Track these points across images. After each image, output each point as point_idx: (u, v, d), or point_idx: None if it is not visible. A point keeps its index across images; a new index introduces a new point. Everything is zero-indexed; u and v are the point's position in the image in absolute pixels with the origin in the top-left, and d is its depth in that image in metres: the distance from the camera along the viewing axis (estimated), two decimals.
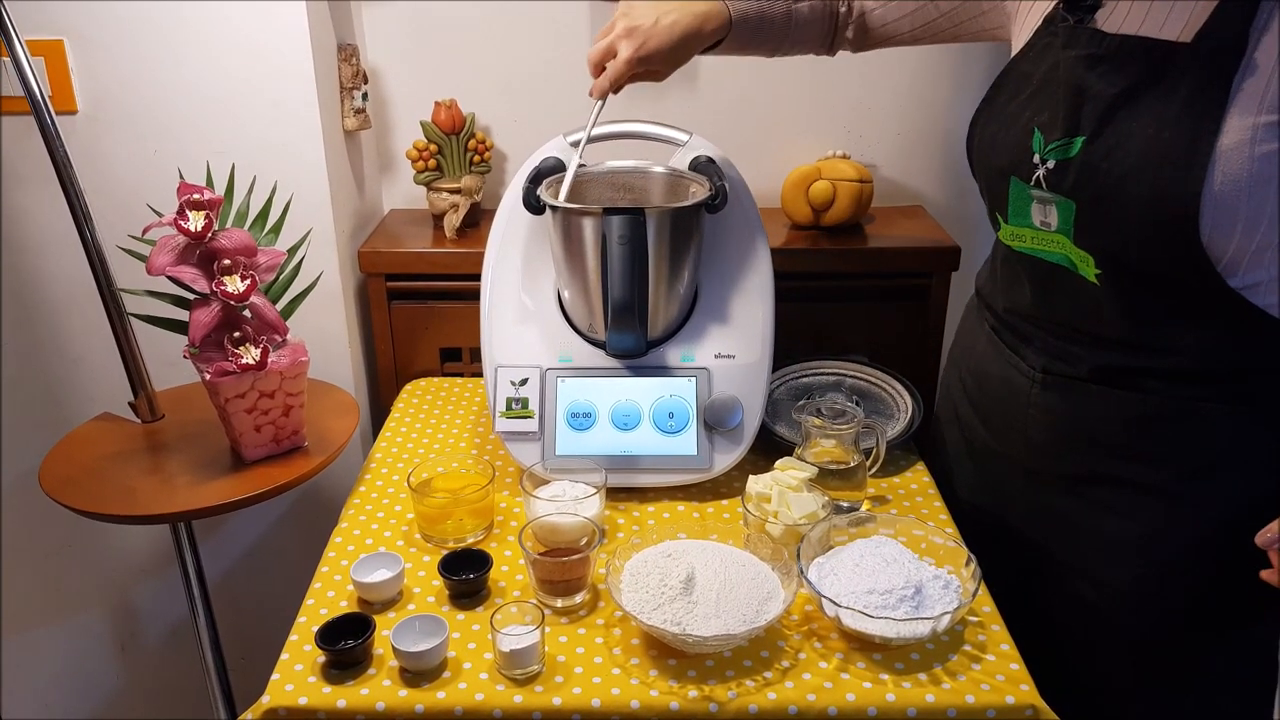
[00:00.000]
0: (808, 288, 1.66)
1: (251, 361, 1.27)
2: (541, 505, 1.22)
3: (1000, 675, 1.05)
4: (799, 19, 1.33)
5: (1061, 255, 1.09)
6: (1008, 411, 1.23)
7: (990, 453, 1.29)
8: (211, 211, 1.25)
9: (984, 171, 1.18)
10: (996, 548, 1.24)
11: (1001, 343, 1.24)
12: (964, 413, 1.34)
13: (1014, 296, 1.21)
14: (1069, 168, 1.04)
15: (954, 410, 1.37)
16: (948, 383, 1.41)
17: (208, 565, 1.56)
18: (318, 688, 1.04)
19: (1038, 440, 1.20)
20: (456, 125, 1.70)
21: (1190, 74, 0.97)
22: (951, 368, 1.40)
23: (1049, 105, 1.08)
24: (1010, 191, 1.12)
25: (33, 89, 1.29)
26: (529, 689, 1.03)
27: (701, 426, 1.34)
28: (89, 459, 1.38)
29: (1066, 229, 1.06)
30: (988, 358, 1.27)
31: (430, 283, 1.68)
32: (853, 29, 1.37)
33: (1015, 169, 1.11)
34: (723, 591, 1.09)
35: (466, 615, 1.14)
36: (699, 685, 1.03)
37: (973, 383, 1.31)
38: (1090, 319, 1.10)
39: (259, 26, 1.48)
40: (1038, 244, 1.12)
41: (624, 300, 1.27)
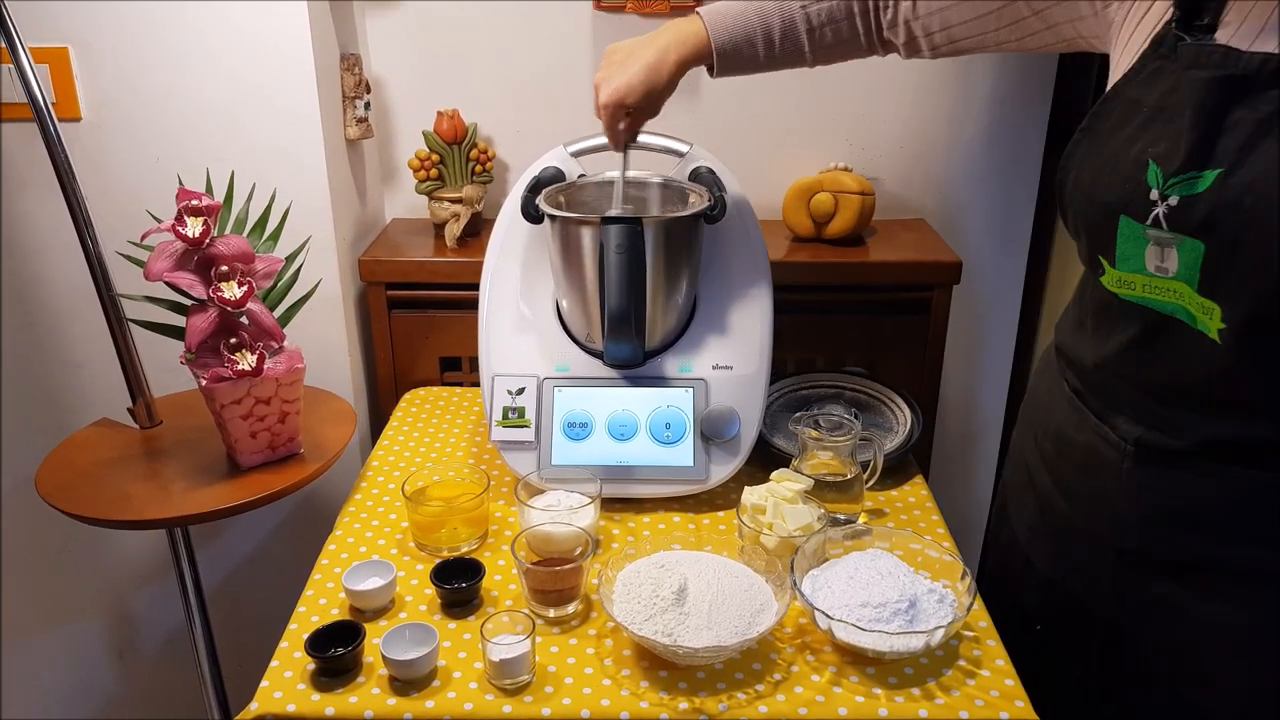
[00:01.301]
0: (809, 300, 1.66)
1: (247, 368, 1.27)
2: (535, 515, 1.22)
3: (995, 691, 1.04)
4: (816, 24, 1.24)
5: (1178, 305, 0.95)
6: (1094, 486, 1.09)
7: (1073, 529, 1.14)
8: (209, 218, 1.26)
9: (1085, 210, 1.03)
10: (1080, 634, 1.14)
11: (1086, 408, 1.10)
12: (1040, 481, 1.19)
13: (1108, 352, 1.06)
14: (1197, 204, 0.91)
15: (1028, 476, 1.23)
16: (1021, 446, 1.27)
17: (205, 572, 1.56)
18: (307, 695, 1.03)
19: (1131, 520, 1.06)
20: (458, 135, 1.71)
21: None
22: (1025, 429, 1.26)
23: (1167, 135, 0.94)
24: (1120, 232, 0.98)
25: (36, 96, 1.30)
26: (518, 699, 1.02)
27: (698, 437, 1.34)
28: (86, 464, 1.38)
29: (1190, 275, 0.93)
30: (1070, 423, 1.13)
31: (431, 292, 1.68)
32: (902, 33, 1.23)
33: (1126, 207, 0.96)
34: (715, 603, 1.08)
35: (458, 624, 1.13)
36: (690, 697, 1.02)
37: (1051, 449, 1.17)
38: (1203, 381, 0.97)
39: (262, 35, 1.48)
40: (1150, 292, 0.98)
41: (621, 310, 1.27)
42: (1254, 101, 0.90)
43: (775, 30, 1.24)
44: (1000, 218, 1.84)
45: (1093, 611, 1.12)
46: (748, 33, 1.24)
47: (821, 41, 1.25)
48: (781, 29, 1.24)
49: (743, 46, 1.25)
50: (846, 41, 1.26)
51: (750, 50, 1.25)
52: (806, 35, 1.24)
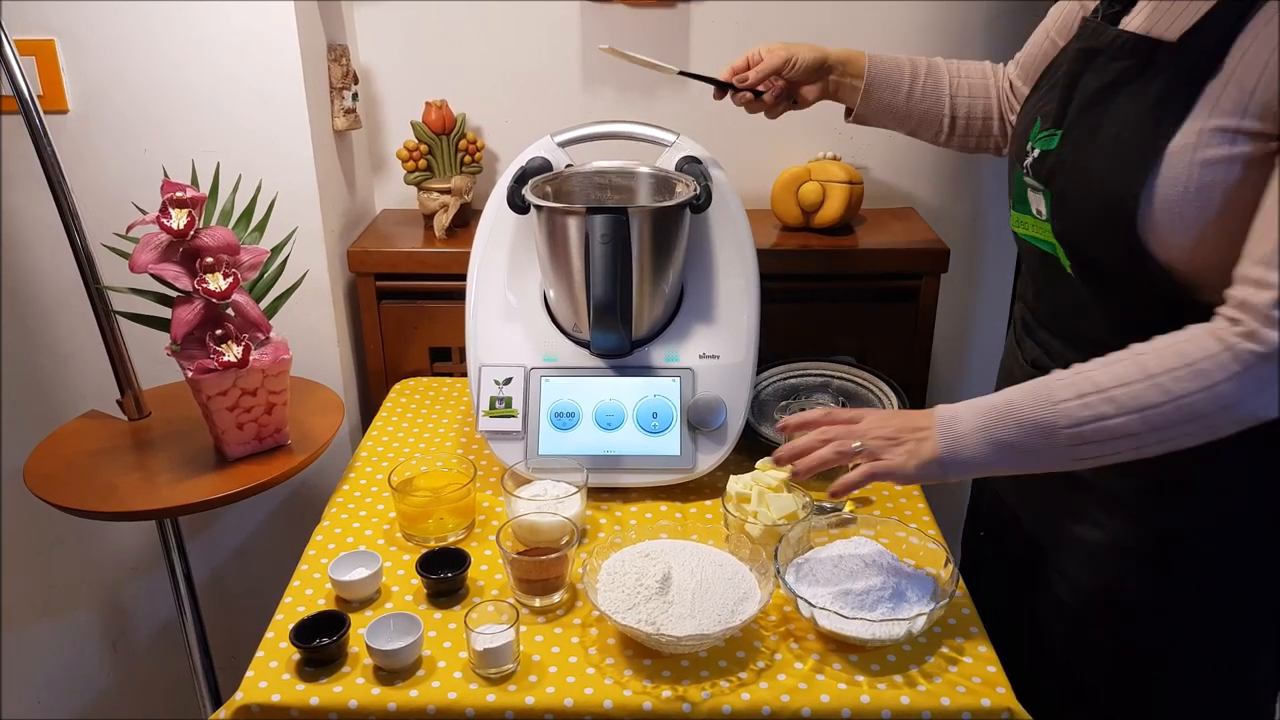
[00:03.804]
0: (797, 289, 1.66)
1: (233, 359, 1.27)
2: (522, 504, 1.22)
3: (977, 678, 1.04)
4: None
5: (1049, 243, 1.09)
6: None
7: None
8: (194, 209, 1.26)
9: (1007, 159, 1.20)
10: (995, 544, 1.28)
11: (1013, 336, 1.26)
12: None
13: (1023, 288, 1.23)
14: (1048, 158, 1.06)
15: None
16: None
17: (196, 564, 1.56)
18: (292, 685, 1.04)
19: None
20: (447, 125, 1.71)
21: (1166, 74, 0.96)
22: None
23: (1053, 97, 1.10)
24: (1015, 178, 1.14)
25: (22, 88, 1.30)
26: (502, 688, 1.03)
27: (685, 427, 1.34)
28: (74, 456, 1.38)
29: (1049, 218, 1.07)
30: (1007, 350, 1.30)
31: (420, 282, 1.68)
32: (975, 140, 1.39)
33: (1018, 156, 1.13)
34: (699, 592, 1.08)
35: (444, 614, 1.14)
36: (673, 685, 1.03)
37: (1000, 377, 1.33)
38: (1073, 316, 1.10)
39: (249, 26, 1.48)
40: (1033, 231, 1.12)
41: (607, 299, 1.27)
42: (1101, 70, 1.03)
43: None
44: (988, 205, 1.84)
45: (1005, 523, 1.28)
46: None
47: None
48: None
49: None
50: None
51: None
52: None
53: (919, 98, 1.35)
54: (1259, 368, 0.89)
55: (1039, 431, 0.97)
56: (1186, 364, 0.91)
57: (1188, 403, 0.91)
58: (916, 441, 1.04)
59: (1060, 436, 0.96)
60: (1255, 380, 0.89)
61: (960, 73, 1.36)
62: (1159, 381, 0.92)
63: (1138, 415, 0.93)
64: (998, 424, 0.99)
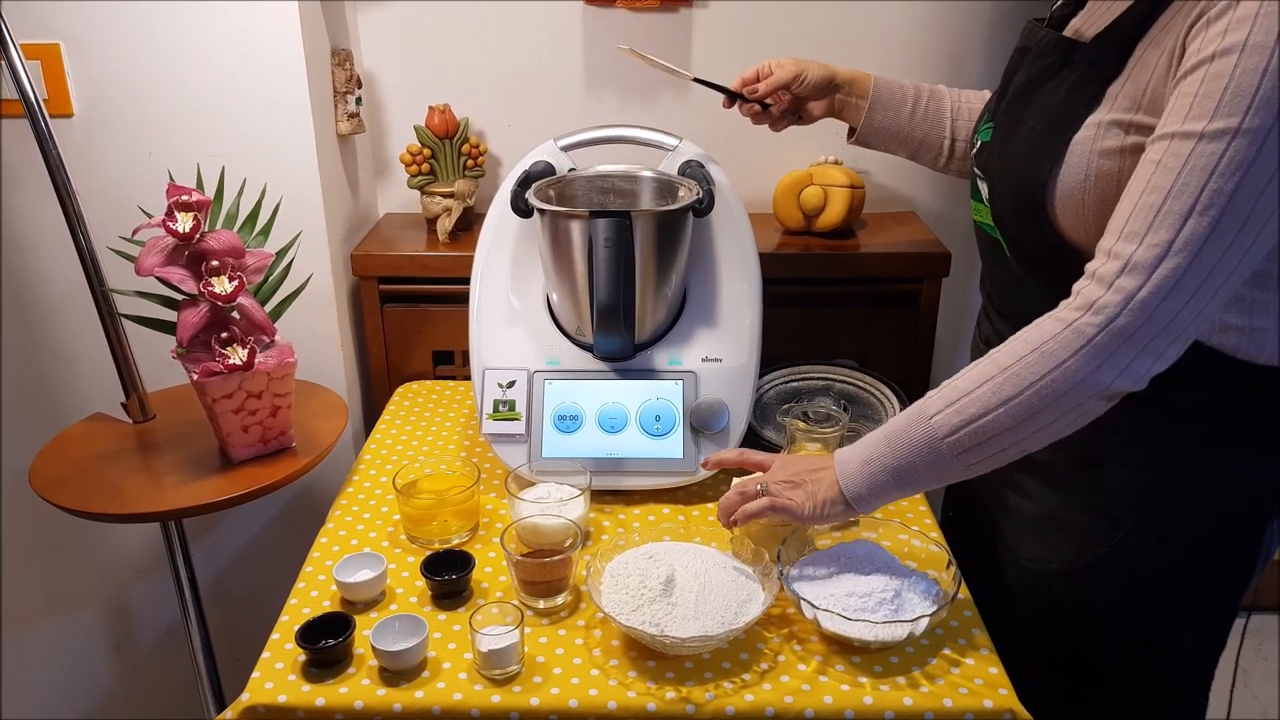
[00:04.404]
0: (799, 293, 1.66)
1: (238, 362, 1.28)
2: (525, 507, 1.23)
3: (979, 679, 1.05)
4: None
5: (993, 227, 1.14)
6: None
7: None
8: (200, 213, 1.26)
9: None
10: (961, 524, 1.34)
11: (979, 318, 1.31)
12: None
13: (982, 275, 1.28)
14: (985, 150, 1.15)
15: None
16: None
17: (200, 566, 1.57)
18: (297, 686, 1.04)
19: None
20: (450, 129, 1.71)
21: (1078, 71, 1.03)
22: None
23: (996, 92, 1.19)
24: (971, 168, 1.21)
25: (27, 92, 1.31)
26: (507, 689, 1.03)
27: (688, 429, 1.35)
28: (79, 458, 1.39)
29: (990, 206, 1.14)
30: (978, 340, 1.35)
31: (423, 286, 1.68)
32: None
33: (970, 147, 1.24)
34: (702, 593, 1.09)
35: (448, 616, 1.14)
36: (677, 687, 1.03)
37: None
38: (1017, 298, 1.14)
39: (253, 30, 1.49)
40: (982, 217, 1.18)
41: (609, 303, 1.28)
42: (1030, 67, 1.10)
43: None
44: None
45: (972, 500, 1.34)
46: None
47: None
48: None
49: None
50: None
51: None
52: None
53: (920, 120, 1.38)
54: (1098, 339, 0.92)
55: (921, 449, 1.01)
56: (1033, 349, 0.95)
57: (1043, 386, 0.95)
58: (814, 483, 1.09)
59: (942, 447, 1.00)
60: (1097, 353, 0.92)
61: (962, 99, 1.40)
62: (1013, 372, 0.96)
63: (1003, 409, 0.96)
64: (883, 452, 1.04)
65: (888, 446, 1.03)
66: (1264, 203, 0.87)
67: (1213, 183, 0.87)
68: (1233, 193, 0.86)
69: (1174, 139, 0.89)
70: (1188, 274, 0.89)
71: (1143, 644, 1.17)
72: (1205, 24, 0.90)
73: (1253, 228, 0.88)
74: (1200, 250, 0.88)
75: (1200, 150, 0.87)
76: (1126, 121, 0.97)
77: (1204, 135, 0.87)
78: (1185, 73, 0.90)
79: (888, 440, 1.03)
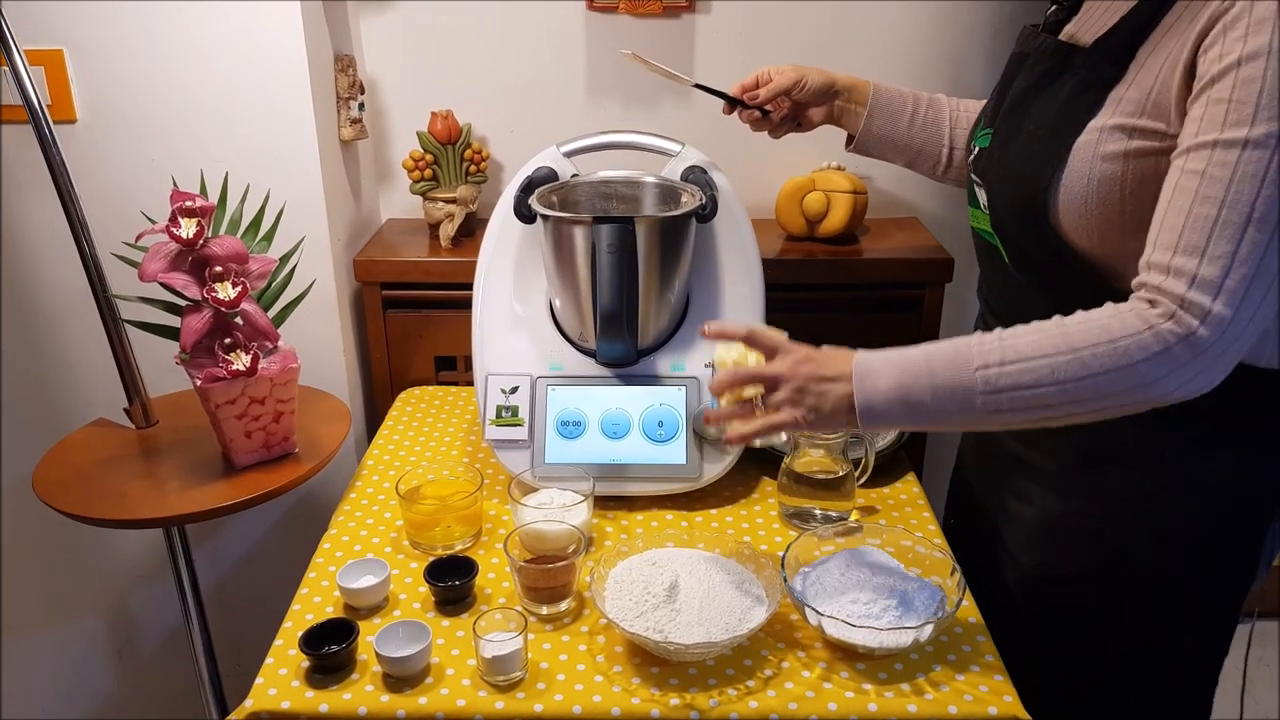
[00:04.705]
0: (802, 298, 1.66)
1: (242, 368, 1.28)
2: (529, 513, 1.23)
3: (984, 686, 1.05)
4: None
5: (991, 234, 1.15)
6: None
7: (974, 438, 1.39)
8: (203, 219, 1.26)
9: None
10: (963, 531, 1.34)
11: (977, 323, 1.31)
12: None
13: (980, 282, 1.29)
14: (983, 155, 1.15)
15: None
16: None
17: (203, 571, 1.56)
18: (300, 692, 1.04)
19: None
20: (452, 135, 1.71)
21: (1079, 75, 1.03)
22: None
23: (993, 98, 1.20)
24: (967, 175, 1.22)
25: (31, 98, 1.31)
26: (510, 695, 1.03)
27: (691, 436, 1.34)
28: (82, 463, 1.39)
29: (987, 211, 1.14)
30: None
31: (425, 291, 1.68)
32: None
33: (967, 154, 1.24)
34: (706, 600, 1.09)
35: (451, 621, 1.14)
36: (681, 693, 1.03)
37: None
38: (1016, 304, 1.14)
39: (256, 37, 1.49)
40: (980, 223, 1.18)
41: (613, 309, 1.28)
42: (1028, 73, 1.11)
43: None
44: None
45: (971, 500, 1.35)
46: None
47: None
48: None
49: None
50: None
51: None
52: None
53: (919, 128, 1.38)
54: (1176, 349, 0.91)
55: (954, 396, 0.97)
56: (1109, 340, 0.93)
57: (1107, 381, 0.93)
58: (820, 396, 1.02)
59: (975, 402, 0.96)
60: (1171, 362, 0.91)
61: (961, 108, 1.39)
62: (1081, 356, 0.93)
63: (1055, 388, 0.94)
64: (914, 384, 0.98)
65: (920, 382, 0.98)
66: None
67: (1265, 189, 0.87)
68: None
69: (1216, 147, 0.89)
70: (1254, 284, 0.89)
71: (1144, 647, 1.17)
72: (1222, 29, 0.90)
73: None
74: (1263, 258, 0.88)
75: (1247, 158, 0.87)
76: (1130, 126, 0.98)
77: (1249, 143, 0.87)
78: (1212, 79, 0.90)
79: (924, 375, 0.97)
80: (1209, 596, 1.15)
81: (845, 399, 1.01)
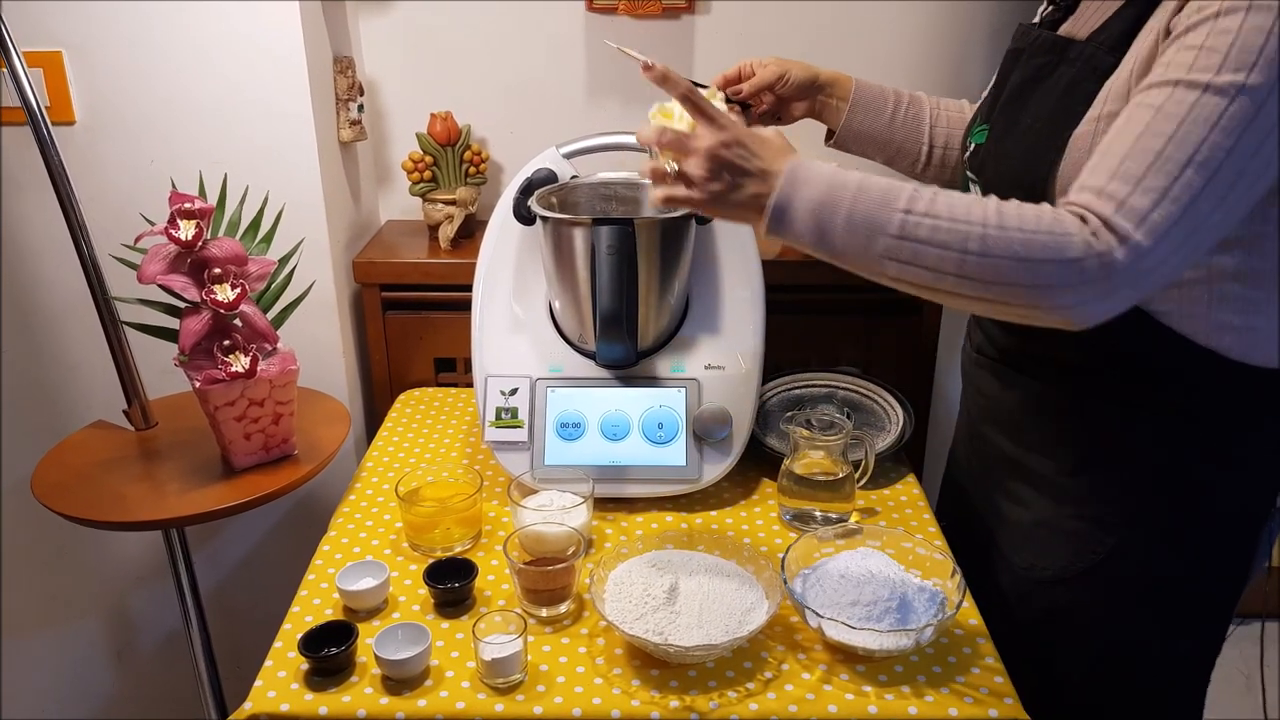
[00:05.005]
0: (802, 300, 1.66)
1: (241, 369, 1.28)
2: (528, 515, 1.22)
3: (984, 688, 1.05)
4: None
5: None
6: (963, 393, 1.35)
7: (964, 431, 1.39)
8: (202, 221, 1.26)
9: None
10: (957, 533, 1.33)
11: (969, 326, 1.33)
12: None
13: None
14: (979, 152, 1.15)
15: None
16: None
17: (202, 574, 1.56)
18: (300, 694, 1.04)
19: (974, 419, 1.30)
20: (452, 137, 1.71)
21: (1074, 68, 1.03)
22: None
23: (989, 95, 1.20)
24: (960, 173, 1.22)
25: (29, 100, 1.31)
26: (510, 698, 1.03)
27: (691, 437, 1.34)
28: (81, 465, 1.39)
29: None
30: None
31: (425, 293, 1.68)
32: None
33: (962, 152, 1.23)
34: (706, 602, 1.09)
35: (451, 624, 1.14)
36: (681, 695, 1.03)
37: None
38: None
39: (255, 38, 1.49)
40: None
41: (612, 310, 1.28)
42: (1024, 68, 1.11)
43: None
44: None
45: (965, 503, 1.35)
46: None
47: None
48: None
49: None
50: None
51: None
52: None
53: (900, 125, 1.37)
54: (1088, 263, 0.88)
55: (866, 226, 0.92)
56: (1034, 230, 0.90)
57: (1012, 266, 0.90)
58: (737, 189, 0.95)
59: (878, 243, 0.92)
60: (1079, 274, 0.89)
61: (941, 107, 1.39)
62: (1006, 234, 0.90)
63: (961, 255, 0.90)
64: (836, 204, 0.93)
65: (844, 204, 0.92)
66: (1255, 165, 0.87)
67: (1213, 136, 0.86)
68: (1230, 149, 0.86)
69: (1178, 86, 0.89)
70: (1178, 225, 0.88)
71: (1137, 648, 1.17)
72: None
73: (1241, 189, 0.88)
74: (1193, 202, 0.87)
75: (1205, 101, 0.87)
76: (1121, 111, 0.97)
77: (1210, 87, 0.87)
78: (1187, 29, 0.90)
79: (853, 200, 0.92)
80: (1203, 599, 1.15)
81: (760, 198, 0.95)
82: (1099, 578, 1.13)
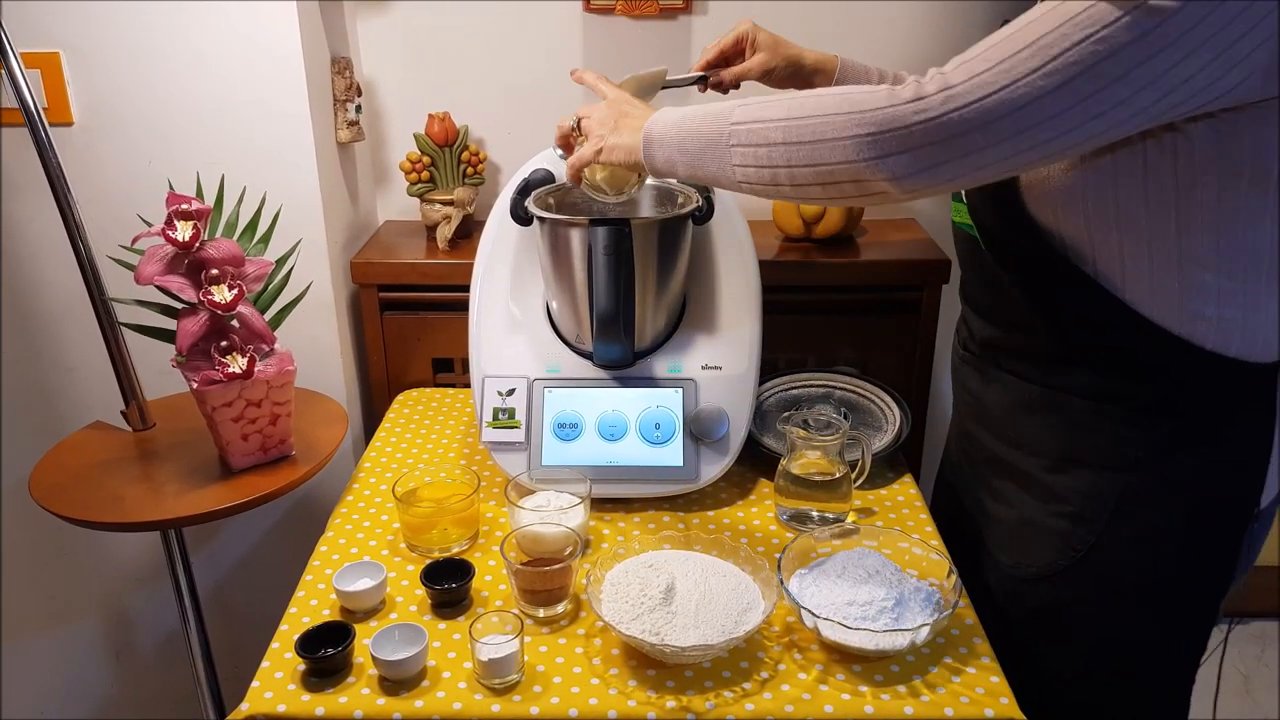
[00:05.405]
0: (799, 300, 1.66)
1: (238, 370, 1.28)
2: (525, 515, 1.22)
3: (980, 688, 1.05)
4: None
5: (969, 225, 1.16)
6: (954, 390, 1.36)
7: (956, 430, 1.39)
8: (199, 221, 1.26)
9: None
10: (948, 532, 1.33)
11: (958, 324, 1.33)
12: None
13: (960, 280, 1.29)
14: None
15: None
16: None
17: (200, 575, 1.56)
18: (297, 695, 1.04)
19: (963, 417, 1.32)
20: (449, 137, 1.71)
21: None
22: None
23: None
24: None
25: (27, 101, 1.31)
26: (507, 698, 1.03)
27: (688, 437, 1.34)
28: (79, 466, 1.39)
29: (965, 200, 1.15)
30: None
31: (422, 294, 1.68)
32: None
33: None
34: (702, 602, 1.09)
35: (448, 624, 1.14)
36: (677, 696, 1.03)
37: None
38: (994, 297, 1.17)
39: (253, 39, 1.49)
40: (959, 216, 1.19)
41: (609, 311, 1.28)
42: None
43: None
44: None
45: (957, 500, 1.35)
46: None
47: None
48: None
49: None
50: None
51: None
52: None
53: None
54: (902, 109, 0.89)
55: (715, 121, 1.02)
56: (847, 92, 0.94)
57: (826, 122, 0.93)
58: (615, 129, 1.13)
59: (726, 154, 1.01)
60: (891, 121, 0.89)
61: None
62: (819, 99, 0.95)
63: (783, 123, 0.96)
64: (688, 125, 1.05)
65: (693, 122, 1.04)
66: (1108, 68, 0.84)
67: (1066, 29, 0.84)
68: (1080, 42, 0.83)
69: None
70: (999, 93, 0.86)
71: (1124, 646, 1.17)
72: None
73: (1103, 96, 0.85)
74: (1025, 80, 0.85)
75: (1081, 8, 0.84)
76: None
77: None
78: None
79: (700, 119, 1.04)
80: (1187, 598, 1.15)
81: (637, 130, 1.10)
82: (1083, 575, 1.14)
